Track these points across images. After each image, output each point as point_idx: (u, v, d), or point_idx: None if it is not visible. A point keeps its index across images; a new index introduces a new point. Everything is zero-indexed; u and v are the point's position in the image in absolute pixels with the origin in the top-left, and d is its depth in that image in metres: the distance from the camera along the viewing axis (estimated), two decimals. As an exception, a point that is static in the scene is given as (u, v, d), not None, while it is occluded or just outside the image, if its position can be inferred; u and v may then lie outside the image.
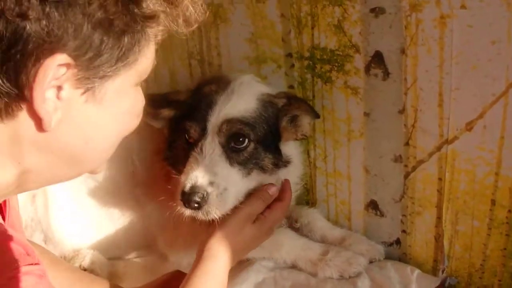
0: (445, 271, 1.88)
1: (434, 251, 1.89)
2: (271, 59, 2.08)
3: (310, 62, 1.97)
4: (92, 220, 2.12)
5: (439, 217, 1.83)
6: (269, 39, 2.06)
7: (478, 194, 1.71)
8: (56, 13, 0.96)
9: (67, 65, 1.00)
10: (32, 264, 1.02)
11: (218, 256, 1.60)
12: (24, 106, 1.02)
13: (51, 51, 0.97)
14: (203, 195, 1.68)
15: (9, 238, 1.02)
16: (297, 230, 2.10)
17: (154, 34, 1.14)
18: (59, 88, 1.02)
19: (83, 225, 2.11)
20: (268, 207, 1.79)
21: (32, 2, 0.93)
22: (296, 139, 1.95)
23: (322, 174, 2.16)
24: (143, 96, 1.26)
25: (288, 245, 1.97)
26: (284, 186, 1.89)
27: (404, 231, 1.95)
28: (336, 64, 1.90)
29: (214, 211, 1.69)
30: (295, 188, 2.04)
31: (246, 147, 1.78)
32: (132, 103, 1.20)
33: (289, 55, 2.03)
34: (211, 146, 1.75)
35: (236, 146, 1.77)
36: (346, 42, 1.84)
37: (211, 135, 1.76)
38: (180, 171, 1.77)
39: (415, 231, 1.92)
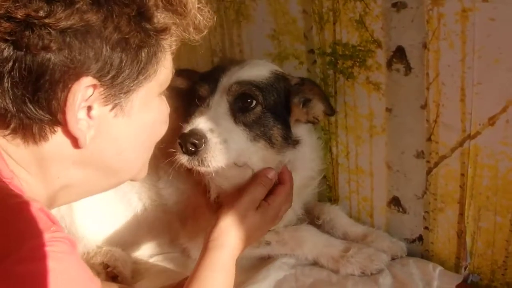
0: (467, 268, 1.86)
1: (456, 248, 1.87)
2: (293, 55, 2.09)
3: (332, 58, 1.98)
4: (116, 215, 2.15)
5: (461, 214, 1.81)
6: (291, 35, 2.07)
7: (501, 189, 1.69)
8: (76, 41, 1.06)
9: (94, 86, 1.10)
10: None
11: (224, 246, 1.59)
12: (58, 129, 1.12)
13: (77, 76, 1.07)
14: (202, 139, 1.68)
15: (41, 209, 1.06)
16: (319, 227, 2.09)
17: (168, 45, 1.23)
18: (89, 108, 1.12)
19: (107, 221, 2.13)
20: (271, 192, 1.77)
21: (53, 34, 1.03)
22: (308, 121, 1.95)
23: (344, 171, 2.15)
24: (167, 105, 1.35)
25: (310, 242, 1.96)
26: (283, 169, 1.86)
27: (426, 227, 1.94)
28: (358, 60, 1.90)
29: (209, 159, 1.69)
30: (311, 183, 2.05)
31: (253, 108, 1.80)
32: (157, 112, 1.29)
33: (311, 51, 2.03)
34: (218, 102, 1.78)
35: (243, 106, 1.79)
36: (368, 37, 1.83)
37: (220, 93, 1.79)
38: None
39: (438, 228, 1.90)
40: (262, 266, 1.96)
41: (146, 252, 2.22)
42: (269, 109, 1.82)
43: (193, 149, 1.67)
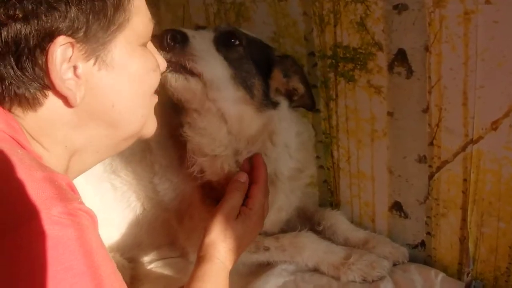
0: (470, 274, 1.83)
1: (459, 254, 1.84)
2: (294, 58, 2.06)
3: (333, 61, 1.95)
4: (117, 217, 2.14)
5: (464, 219, 1.78)
6: (292, 38, 2.05)
7: (504, 195, 1.66)
8: (40, 6, 1.11)
9: (71, 44, 1.15)
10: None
11: (213, 258, 1.59)
12: (48, 93, 1.18)
13: (50, 37, 1.13)
14: (183, 36, 1.69)
15: (68, 183, 1.12)
16: (319, 232, 2.08)
17: None
18: (75, 68, 1.17)
19: (108, 224, 2.12)
20: (248, 195, 1.75)
21: (17, 4, 1.10)
22: (287, 92, 1.94)
23: (345, 175, 2.13)
24: (152, 54, 1.37)
25: (310, 249, 1.94)
26: (255, 164, 1.83)
27: (428, 233, 1.92)
28: (359, 63, 1.87)
29: (192, 58, 1.70)
30: (299, 176, 2.04)
31: (236, 46, 1.82)
32: (142, 60, 1.31)
33: (312, 53, 2.01)
34: (203, 34, 1.80)
35: (227, 42, 1.81)
36: (369, 40, 1.81)
37: (206, 30, 1.85)
38: None
39: (440, 233, 1.88)
40: (261, 272, 1.94)
41: (146, 257, 2.20)
42: (251, 58, 1.83)
43: (172, 43, 1.67)
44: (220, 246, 1.62)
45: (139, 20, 1.28)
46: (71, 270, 0.97)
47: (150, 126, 1.44)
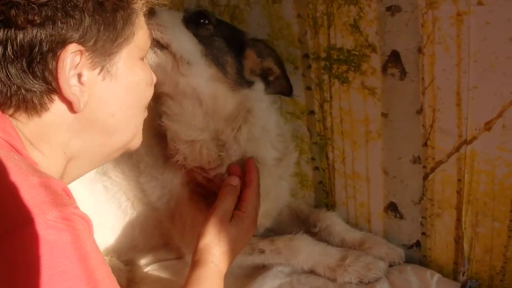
0: (465, 274, 1.84)
1: (454, 254, 1.85)
2: (288, 60, 2.07)
3: (327, 63, 1.96)
4: (110, 219, 2.14)
5: (458, 219, 1.79)
6: (286, 40, 2.05)
7: (498, 195, 1.67)
8: (57, 13, 1.17)
9: (80, 52, 1.21)
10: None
11: (207, 262, 1.61)
12: (55, 97, 1.23)
13: (63, 44, 1.19)
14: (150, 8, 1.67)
15: (64, 189, 1.15)
16: (315, 234, 2.08)
17: (140, 7, 1.35)
18: (80, 75, 1.23)
19: (102, 227, 2.12)
20: (240, 199, 1.77)
21: (35, 9, 1.15)
22: (262, 72, 1.96)
23: (341, 176, 2.13)
24: (149, 69, 1.46)
25: (305, 252, 1.94)
26: (247, 167, 1.84)
27: (424, 233, 1.92)
28: (353, 64, 1.88)
29: (155, 26, 1.72)
30: (280, 165, 2.04)
31: (206, 24, 1.85)
32: (142, 74, 1.39)
33: (306, 55, 2.02)
34: (172, 13, 1.83)
35: (197, 21, 1.84)
36: (363, 41, 1.82)
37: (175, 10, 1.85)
38: None
39: (435, 233, 1.89)
40: (257, 274, 1.94)
41: (142, 260, 2.20)
42: (222, 36, 1.86)
43: None
44: (215, 249, 1.63)
45: (142, 35, 1.37)
46: (66, 273, 0.99)
47: (138, 139, 1.50)
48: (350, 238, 2.05)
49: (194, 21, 1.84)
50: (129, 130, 1.42)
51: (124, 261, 2.17)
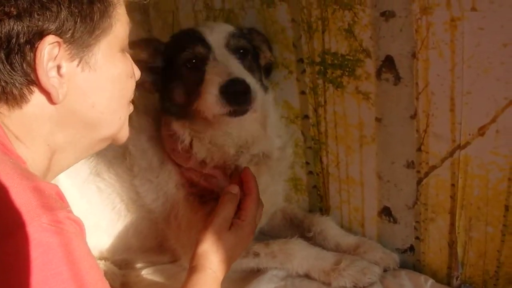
0: (459, 278, 1.84)
1: (448, 258, 1.85)
2: (283, 64, 2.08)
3: (321, 67, 1.96)
4: (104, 220, 2.14)
5: (452, 224, 1.79)
6: (280, 44, 2.06)
7: (491, 200, 1.68)
8: (33, 5, 1.18)
9: (58, 44, 1.21)
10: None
11: (205, 267, 1.61)
12: (34, 89, 1.23)
13: (40, 35, 1.19)
14: (248, 87, 1.72)
15: (58, 192, 1.16)
16: (310, 239, 2.08)
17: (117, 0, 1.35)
18: (59, 67, 1.23)
19: (96, 228, 2.11)
20: (240, 208, 1.76)
21: (11, 1, 1.16)
22: (266, 64, 2.07)
23: (335, 181, 2.14)
24: (131, 61, 1.46)
25: (300, 256, 1.94)
26: (245, 177, 1.84)
27: (417, 237, 1.93)
28: (347, 69, 1.88)
29: (255, 103, 1.76)
30: (282, 156, 2.09)
31: (247, 56, 1.90)
32: (122, 65, 1.39)
33: (300, 60, 2.02)
34: (224, 55, 1.83)
35: (241, 56, 1.87)
36: (357, 46, 1.82)
37: (219, 49, 1.84)
38: (188, 106, 1.85)
39: (429, 238, 1.89)
40: (252, 278, 1.94)
41: (137, 264, 2.20)
42: (252, 55, 1.93)
43: (241, 99, 1.73)
44: (213, 256, 1.63)
45: (120, 26, 1.36)
46: (60, 275, 1.00)
47: (124, 133, 1.49)
48: (345, 242, 2.06)
49: (240, 57, 1.86)
50: (113, 123, 1.41)
51: (118, 264, 2.16)
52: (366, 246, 2.01)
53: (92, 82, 1.30)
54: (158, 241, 2.20)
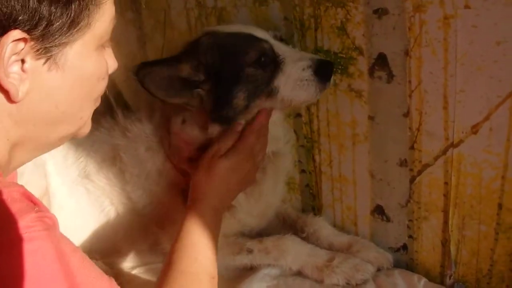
0: (452, 277, 1.84)
1: (441, 257, 1.85)
2: (275, 62, 2.06)
3: (314, 65, 1.95)
4: (92, 221, 2.12)
5: (445, 222, 1.79)
6: (273, 43, 2.04)
7: (484, 198, 1.68)
8: None
9: (24, 40, 1.11)
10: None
11: (199, 200, 1.62)
12: None
13: (4, 29, 1.08)
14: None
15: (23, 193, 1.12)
16: (303, 239, 2.06)
17: None
18: (22, 61, 1.13)
19: (84, 228, 2.10)
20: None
21: None
22: None
23: (327, 179, 2.13)
24: (105, 60, 1.33)
25: (293, 252, 1.94)
26: (258, 114, 1.83)
27: (410, 236, 1.92)
28: (340, 67, 1.88)
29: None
30: (285, 150, 2.09)
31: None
32: (94, 66, 1.27)
33: (293, 58, 2.01)
34: (283, 47, 1.83)
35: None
36: (350, 44, 1.81)
37: (275, 43, 1.83)
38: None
39: (422, 236, 1.89)
40: (244, 277, 1.93)
41: (128, 264, 2.18)
42: None
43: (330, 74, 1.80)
44: (206, 186, 1.63)
45: (101, 24, 1.24)
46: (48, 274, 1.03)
47: (86, 128, 1.41)
48: (338, 242, 2.05)
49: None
50: (75, 122, 1.33)
51: (109, 264, 2.14)
52: (360, 245, 2.01)
53: (58, 82, 1.21)
54: (148, 243, 2.18)
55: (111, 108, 2.81)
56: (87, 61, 1.25)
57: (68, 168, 2.11)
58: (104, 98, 2.85)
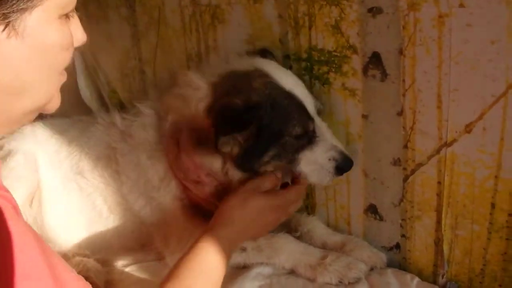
0: (445, 276, 1.84)
1: (434, 256, 1.85)
2: (269, 61, 2.05)
3: (308, 64, 1.95)
4: (83, 218, 2.11)
5: (438, 221, 1.79)
6: (267, 41, 2.04)
7: (478, 197, 1.67)
8: None
9: None
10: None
11: (225, 226, 1.63)
12: None
13: None
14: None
15: None
16: (297, 238, 2.06)
17: None
18: None
19: (75, 223, 2.09)
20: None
21: None
22: None
23: (321, 178, 2.12)
24: (70, 31, 1.27)
25: (287, 250, 1.93)
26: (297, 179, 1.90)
27: (403, 235, 1.92)
28: (334, 66, 1.87)
29: None
30: None
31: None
32: (56, 35, 1.21)
33: (287, 56, 2.01)
34: (322, 125, 1.86)
35: None
36: (344, 42, 1.81)
37: (316, 118, 1.86)
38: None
39: (415, 236, 1.88)
40: (236, 275, 1.92)
41: (120, 261, 2.17)
42: None
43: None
44: (237, 212, 1.67)
45: None
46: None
47: (54, 103, 1.34)
48: (332, 241, 2.05)
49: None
50: (40, 94, 1.27)
51: (101, 261, 2.13)
52: (353, 245, 2.00)
53: (17, 50, 1.15)
54: (141, 243, 2.16)
55: (106, 105, 2.81)
56: (48, 29, 1.19)
57: (60, 162, 2.09)
58: (98, 95, 2.87)
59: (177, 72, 2.30)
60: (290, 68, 2.00)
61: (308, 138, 1.82)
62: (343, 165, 1.83)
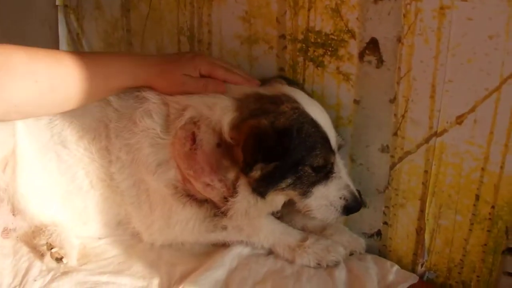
0: (424, 265, 1.86)
1: (414, 245, 1.87)
2: (264, 39, 2.05)
3: (303, 45, 1.94)
4: (60, 189, 2.03)
5: (422, 210, 1.81)
6: (263, 19, 2.03)
7: (463, 188, 1.70)
8: None
9: None
10: None
11: None
12: None
13: None
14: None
15: None
16: (277, 219, 2.06)
17: None
18: None
19: (50, 195, 2.02)
20: None
21: None
22: None
23: (306, 161, 2.12)
24: None
25: (266, 230, 1.93)
26: None
27: (385, 222, 1.94)
28: (330, 49, 1.87)
29: None
30: None
31: None
32: None
33: (282, 36, 1.99)
34: (339, 162, 1.84)
35: None
36: (342, 26, 1.81)
37: (337, 155, 1.83)
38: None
39: (397, 223, 1.91)
40: (216, 253, 1.92)
41: (94, 234, 2.12)
42: None
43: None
44: None
45: None
46: None
47: None
48: (312, 224, 2.04)
49: None
50: None
51: (76, 234, 2.07)
52: (333, 229, 2.00)
53: None
54: (117, 220, 2.11)
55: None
56: None
57: (40, 130, 2.01)
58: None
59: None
60: (284, 48, 2.00)
61: (326, 172, 1.79)
62: (351, 206, 1.81)
